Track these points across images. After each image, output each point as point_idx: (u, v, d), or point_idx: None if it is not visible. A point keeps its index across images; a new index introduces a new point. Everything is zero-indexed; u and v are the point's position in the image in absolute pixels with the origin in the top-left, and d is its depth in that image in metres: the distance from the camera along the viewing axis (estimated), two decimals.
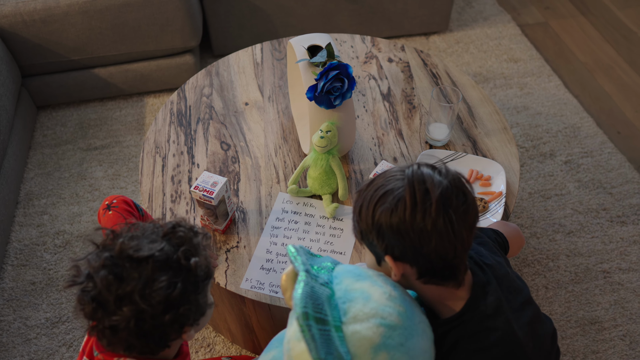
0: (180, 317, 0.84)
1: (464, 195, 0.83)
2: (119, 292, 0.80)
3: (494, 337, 0.86)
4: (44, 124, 2.23)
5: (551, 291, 1.68)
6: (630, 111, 2.26)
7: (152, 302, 0.81)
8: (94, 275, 0.82)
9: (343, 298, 0.84)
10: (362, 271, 0.91)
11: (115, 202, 1.16)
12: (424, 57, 1.79)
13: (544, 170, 2.01)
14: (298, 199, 1.41)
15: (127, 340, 0.83)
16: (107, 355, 0.89)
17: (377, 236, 0.85)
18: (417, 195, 0.81)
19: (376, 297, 0.84)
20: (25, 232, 1.87)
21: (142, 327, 0.82)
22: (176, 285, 0.82)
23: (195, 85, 1.71)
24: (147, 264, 0.82)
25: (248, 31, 2.38)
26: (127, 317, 0.80)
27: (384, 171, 0.90)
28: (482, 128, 1.56)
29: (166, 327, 0.84)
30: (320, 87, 1.23)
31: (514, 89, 2.33)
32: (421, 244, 0.82)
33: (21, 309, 1.68)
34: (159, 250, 0.83)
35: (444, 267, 0.85)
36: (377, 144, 1.53)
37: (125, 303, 0.80)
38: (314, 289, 0.82)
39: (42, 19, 1.96)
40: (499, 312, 0.88)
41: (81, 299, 0.82)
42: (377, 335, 0.79)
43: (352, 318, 0.81)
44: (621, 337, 1.58)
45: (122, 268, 0.82)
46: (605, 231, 1.83)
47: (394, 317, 0.82)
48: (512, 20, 2.68)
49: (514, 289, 0.93)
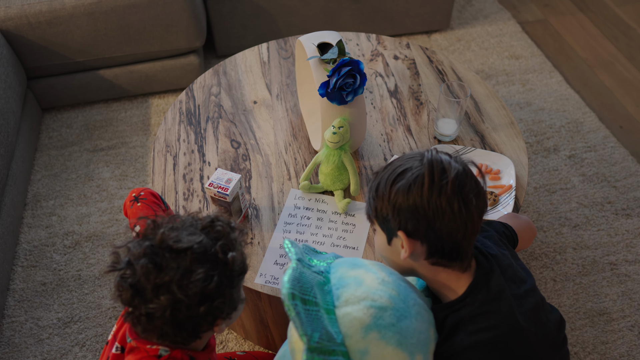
0: (214, 309, 0.85)
1: (476, 183, 0.89)
2: (157, 280, 0.81)
3: (494, 319, 0.88)
4: (49, 126, 2.23)
5: (559, 284, 1.69)
6: (632, 105, 2.29)
7: (189, 293, 0.82)
8: (134, 262, 0.83)
9: (337, 284, 0.88)
10: (359, 261, 0.95)
11: (143, 194, 1.17)
12: (430, 54, 1.80)
13: (549, 165, 2.03)
14: (310, 195, 1.42)
15: (161, 328, 0.85)
16: (140, 342, 0.90)
17: (392, 212, 0.88)
18: (435, 174, 0.86)
19: (368, 282, 0.88)
20: (34, 233, 1.87)
21: (176, 316, 0.83)
22: (213, 278, 0.83)
23: (204, 85, 1.72)
24: (185, 255, 0.83)
25: (251, 31, 2.39)
26: (164, 305, 0.82)
27: (401, 155, 0.95)
28: (490, 123, 1.58)
29: (200, 318, 0.85)
30: (332, 84, 1.24)
31: (517, 86, 2.35)
32: (435, 220, 0.86)
33: (32, 309, 1.68)
34: (197, 243, 0.84)
35: (453, 247, 0.89)
36: (386, 140, 1.54)
37: (162, 292, 0.81)
38: (303, 274, 0.86)
39: (47, 20, 1.97)
40: (501, 297, 0.90)
41: (120, 285, 0.83)
42: (368, 316, 0.82)
43: (344, 302, 0.85)
44: (630, 328, 1.60)
45: (161, 258, 0.83)
46: (611, 224, 1.85)
47: (384, 299, 0.85)
48: (512, 17, 2.70)
49: (517, 279, 0.95)
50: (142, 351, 0.91)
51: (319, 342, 0.78)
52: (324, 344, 0.79)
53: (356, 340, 0.82)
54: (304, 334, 0.78)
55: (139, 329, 0.86)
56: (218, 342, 1.58)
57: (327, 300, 0.86)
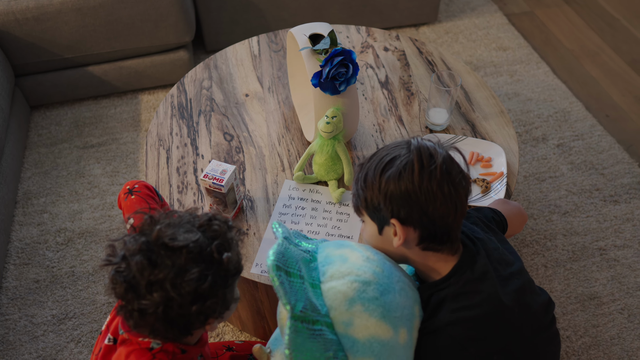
0: (207, 309, 0.85)
1: (459, 167, 0.92)
2: (151, 277, 0.81)
3: (478, 298, 0.90)
4: (38, 123, 2.21)
5: (550, 270, 1.72)
6: (617, 95, 2.32)
7: (182, 291, 0.82)
8: (129, 257, 0.83)
9: (323, 262, 0.91)
10: (347, 242, 0.97)
11: (137, 187, 1.17)
12: (419, 46, 1.82)
13: (538, 154, 2.06)
14: (304, 185, 1.43)
15: (153, 324, 0.85)
16: (132, 334, 0.90)
17: (384, 200, 0.90)
18: (424, 159, 0.89)
19: (353, 259, 0.91)
20: (26, 231, 1.86)
21: (168, 314, 0.83)
22: (207, 278, 0.83)
23: (195, 79, 1.72)
24: (181, 253, 0.82)
25: (241, 26, 2.39)
26: (156, 302, 0.82)
27: (385, 145, 0.97)
28: (480, 112, 1.60)
29: (192, 317, 0.85)
30: (325, 73, 1.25)
31: (504, 77, 2.38)
32: (427, 204, 0.88)
33: (26, 307, 1.67)
34: (193, 242, 0.83)
35: (444, 231, 0.91)
36: (378, 130, 1.56)
37: (155, 289, 0.81)
38: (289, 249, 0.89)
39: (34, 17, 1.95)
40: (485, 277, 0.92)
41: (114, 279, 0.83)
42: (352, 289, 0.86)
43: (329, 277, 0.88)
44: (619, 311, 1.63)
45: (157, 255, 0.82)
46: (599, 210, 1.88)
47: (368, 274, 0.88)
48: (499, 10, 2.73)
49: (504, 261, 0.98)
50: (134, 343, 0.91)
51: (302, 311, 0.81)
52: (308, 313, 0.82)
53: (340, 312, 0.85)
54: (287, 303, 0.80)
55: (131, 323, 0.86)
56: (214, 335, 1.59)
57: (312, 276, 0.88)
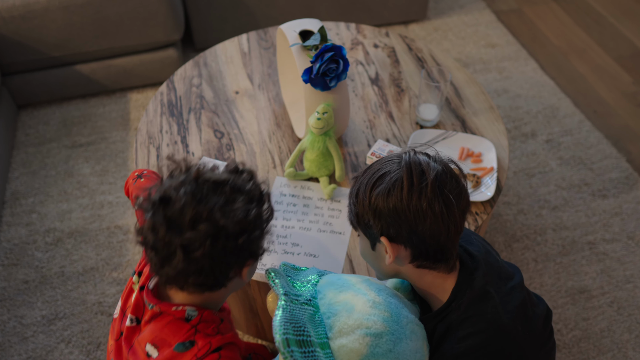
0: (251, 243, 0.84)
1: (457, 181, 0.88)
2: (197, 211, 0.79)
3: (481, 323, 0.87)
4: (25, 123, 2.19)
5: (540, 264, 1.73)
6: (605, 91, 2.35)
7: (233, 219, 0.81)
8: (171, 194, 0.81)
9: (327, 313, 0.86)
10: (346, 280, 0.92)
11: (146, 172, 1.17)
12: (409, 42, 1.82)
13: (527, 150, 2.07)
14: (295, 182, 1.42)
15: (191, 268, 0.81)
16: (164, 305, 0.88)
17: (373, 217, 0.87)
18: (414, 177, 0.85)
19: (359, 307, 0.86)
20: (14, 231, 1.84)
21: (215, 248, 0.80)
22: (252, 209, 0.83)
23: (184, 76, 1.71)
24: (225, 186, 0.83)
25: (230, 24, 2.38)
26: (203, 234, 0.79)
27: (380, 157, 0.93)
28: (470, 108, 1.61)
29: (236, 253, 0.83)
30: (316, 69, 1.25)
31: (493, 73, 2.39)
32: (416, 223, 0.84)
33: (15, 308, 1.65)
34: (234, 178, 0.85)
35: (437, 249, 0.87)
36: (369, 126, 1.56)
37: (202, 221, 0.79)
38: (294, 312, 0.85)
39: (21, 15, 1.93)
40: (485, 297, 0.89)
41: (153, 221, 0.80)
42: (364, 345, 0.81)
43: (337, 332, 0.83)
44: (609, 304, 1.64)
45: (199, 190, 0.81)
46: (588, 205, 1.89)
47: (379, 324, 0.84)
48: (487, 7, 2.74)
49: (504, 275, 0.95)
50: (167, 315, 0.88)
51: None
52: None
53: None
54: None
55: (170, 272, 0.82)
56: None
57: (319, 332, 0.84)
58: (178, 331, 0.87)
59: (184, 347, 0.86)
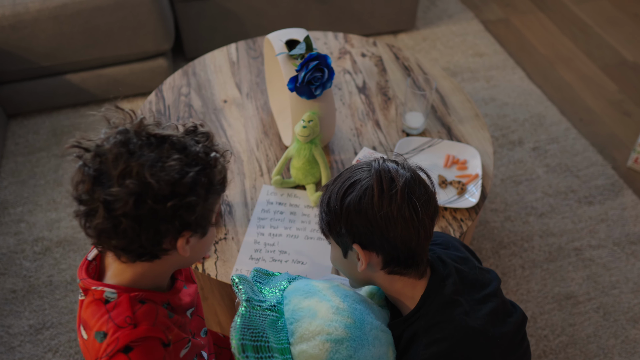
0: (184, 210, 0.75)
1: (425, 187, 0.90)
2: (127, 165, 0.72)
3: (448, 329, 0.87)
4: (15, 132, 2.19)
5: (527, 270, 1.75)
6: (591, 99, 2.38)
7: (160, 179, 0.72)
8: (104, 145, 0.74)
9: (290, 319, 0.87)
10: (313, 286, 0.93)
11: None
12: (396, 51, 1.84)
13: (514, 157, 2.09)
14: (282, 190, 1.43)
15: (116, 227, 0.74)
16: (87, 282, 0.82)
17: (345, 225, 0.88)
18: (384, 183, 0.86)
19: (322, 313, 0.86)
20: (2, 240, 1.84)
21: (140, 209, 0.73)
22: (188, 173, 0.75)
23: (173, 85, 1.72)
24: (164, 143, 0.75)
25: (220, 34, 2.40)
26: (128, 192, 0.72)
27: (350, 166, 0.95)
28: (456, 116, 1.63)
29: (165, 219, 0.75)
30: (301, 78, 1.27)
31: (481, 82, 2.42)
32: (388, 229, 0.86)
33: (2, 317, 1.65)
34: (180, 137, 0.77)
35: (407, 255, 0.88)
36: (356, 134, 1.57)
37: (129, 177, 0.72)
38: (254, 317, 0.85)
39: (11, 25, 1.94)
40: (454, 304, 0.90)
41: (81, 170, 0.75)
42: (324, 351, 0.82)
43: (298, 338, 0.84)
44: (595, 310, 1.66)
45: (135, 144, 0.74)
46: (575, 211, 1.91)
47: (340, 331, 0.84)
48: (475, 17, 2.78)
49: (478, 283, 0.95)
50: (89, 294, 0.82)
51: None
52: None
53: None
54: None
55: (92, 232, 0.75)
56: None
57: (280, 338, 0.84)
58: (95, 315, 0.80)
59: (99, 338, 0.79)
